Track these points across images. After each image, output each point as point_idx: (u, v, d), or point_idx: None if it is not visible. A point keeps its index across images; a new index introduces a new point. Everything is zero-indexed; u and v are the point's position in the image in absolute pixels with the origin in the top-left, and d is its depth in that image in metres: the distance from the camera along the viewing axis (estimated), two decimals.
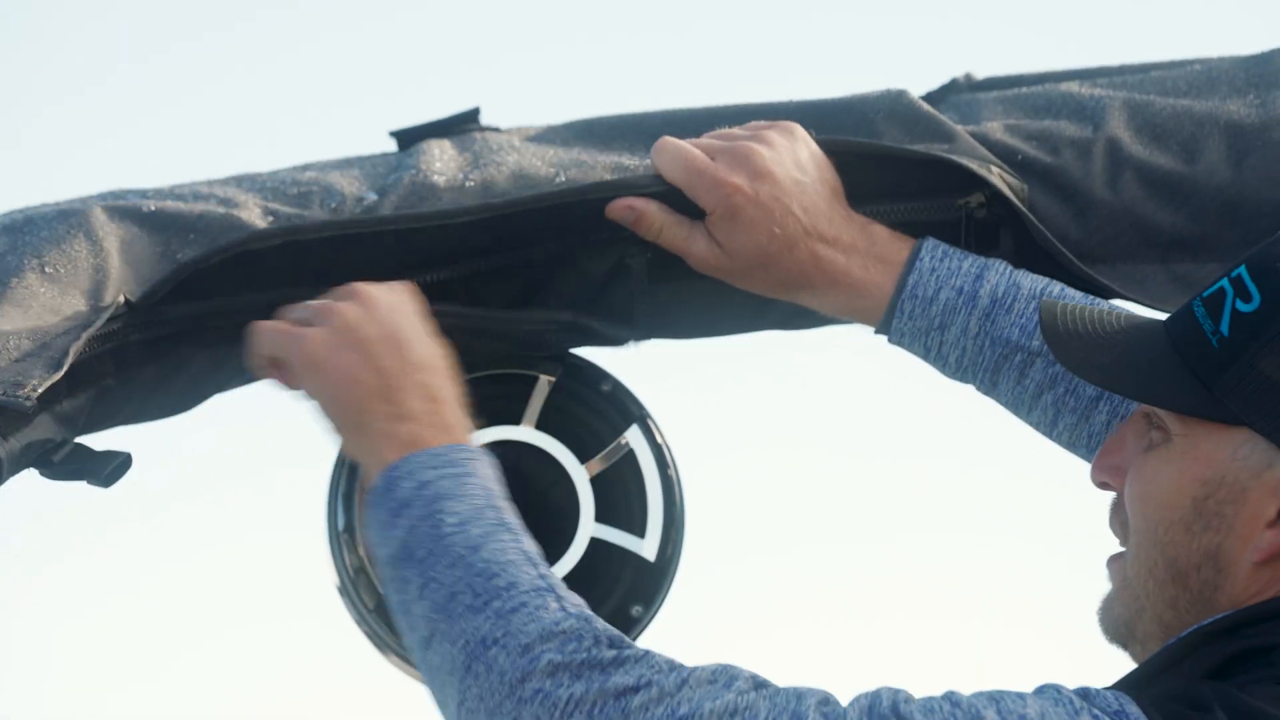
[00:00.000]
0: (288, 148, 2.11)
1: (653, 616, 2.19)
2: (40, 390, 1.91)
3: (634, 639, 2.11)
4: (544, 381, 2.19)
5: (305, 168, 2.15)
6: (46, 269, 2.00)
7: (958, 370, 2.11)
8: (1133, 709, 1.65)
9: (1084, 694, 1.67)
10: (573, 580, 2.16)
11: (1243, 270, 1.78)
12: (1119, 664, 1.85)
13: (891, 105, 2.19)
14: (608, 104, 2.28)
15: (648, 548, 2.18)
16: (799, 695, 1.69)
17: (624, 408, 2.20)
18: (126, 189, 2.13)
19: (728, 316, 2.20)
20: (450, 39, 5.44)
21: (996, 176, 2.12)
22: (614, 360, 2.21)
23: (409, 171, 2.15)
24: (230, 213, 2.08)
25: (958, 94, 2.32)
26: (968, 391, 2.15)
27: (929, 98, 2.29)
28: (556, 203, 2.07)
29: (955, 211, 2.13)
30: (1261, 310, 1.75)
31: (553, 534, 2.17)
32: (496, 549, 1.81)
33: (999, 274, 2.08)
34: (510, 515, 1.86)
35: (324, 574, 2.16)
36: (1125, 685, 1.72)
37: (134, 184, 2.15)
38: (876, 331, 2.11)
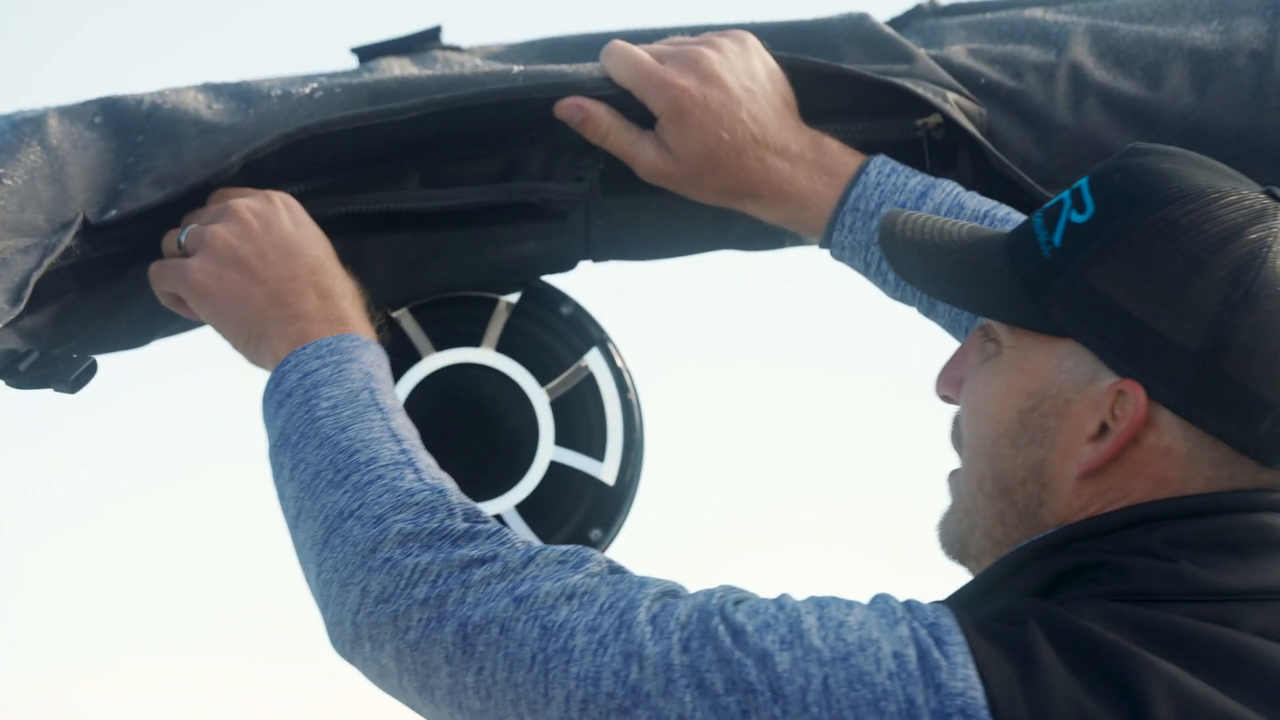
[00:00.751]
0: (253, 68, 2.10)
1: (612, 540, 2.20)
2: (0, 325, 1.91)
3: None
4: (503, 304, 2.18)
5: (263, 81, 2.13)
6: (6, 180, 1.98)
7: (897, 289, 2.09)
8: (946, 620, 1.64)
9: (908, 606, 1.66)
10: (532, 503, 2.17)
11: (1083, 182, 1.76)
12: None
13: (853, 28, 2.18)
14: (572, 27, 2.26)
15: (607, 471, 2.18)
16: (642, 584, 1.70)
17: (584, 331, 2.20)
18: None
19: (684, 235, 2.19)
20: None
21: (952, 103, 2.11)
22: (573, 285, 2.21)
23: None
24: (176, 105, 2.07)
25: (922, 19, 2.32)
26: (929, 322, 2.14)
27: (893, 23, 2.28)
28: (505, 99, 2.06)
29: (914, 132, 2.12)
30: (1093, 221, 1.72)
31: (512, 457, 2.17)
32: (363, 428, 1.84)
33: (945, 194, 2.07)
34: (388, 397, 1.89)
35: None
36: (955, 601, 1.71)
37: None
38: (820, 245, 2.10)
